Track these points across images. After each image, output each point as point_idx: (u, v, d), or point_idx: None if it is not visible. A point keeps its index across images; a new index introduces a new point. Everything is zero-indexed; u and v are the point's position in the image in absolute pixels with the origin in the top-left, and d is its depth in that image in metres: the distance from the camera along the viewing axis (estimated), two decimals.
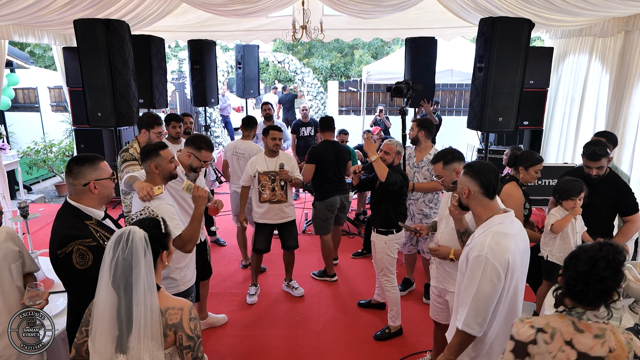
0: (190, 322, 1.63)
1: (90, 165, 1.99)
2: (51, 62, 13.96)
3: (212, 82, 6.88)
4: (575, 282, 1.47)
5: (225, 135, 12.02)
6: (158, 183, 2.55)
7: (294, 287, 4.34)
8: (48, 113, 9.87)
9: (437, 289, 2.84)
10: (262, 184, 3.99)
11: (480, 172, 2.00)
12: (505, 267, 1.87)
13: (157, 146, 2.58)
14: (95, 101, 4.05)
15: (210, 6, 5.32)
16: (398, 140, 3.59)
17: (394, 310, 3.63)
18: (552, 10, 4.55)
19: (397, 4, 5.18)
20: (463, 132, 7.87)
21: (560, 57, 6.06)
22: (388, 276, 3.60)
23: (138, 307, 1.53)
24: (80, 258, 1.87)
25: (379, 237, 3.55)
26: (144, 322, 1.53)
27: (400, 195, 3.49)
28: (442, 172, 2.74)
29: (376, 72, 8.94)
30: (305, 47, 18.26)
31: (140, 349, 1.52)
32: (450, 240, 2.64)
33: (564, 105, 5.98)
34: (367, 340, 3.62)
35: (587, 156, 3.13)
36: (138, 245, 1.55)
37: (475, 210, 2.04)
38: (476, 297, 1.89)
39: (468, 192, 2.02)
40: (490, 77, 3.75)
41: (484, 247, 1.88)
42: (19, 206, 3.53)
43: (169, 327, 1.59)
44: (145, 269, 1.55)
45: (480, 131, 4.30)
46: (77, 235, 1.89)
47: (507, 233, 1.93)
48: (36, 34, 5.54)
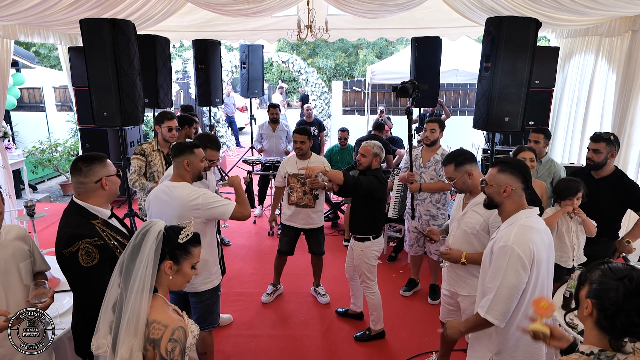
0: (169, 342, 1.52)
1: (99, 162, 2.02)
2: (56, 61, 14.02)
3: (216, 81, 6.88)
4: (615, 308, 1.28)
5: (230, 134, 12.04)
6: (187, 180, 2.63)
7: (320, 294, 4.25)
8: (53, 112, 9.91)
9: (448, 291, 2.80)
10: (290, 186, 3.95)
11: (520, 167, 2.04)
12: (530, 258, 1.91)
13: (192, 144, 2.67)
14: (101, 101, 4.05)
15: (215, 6, 5.32)
16: (377, 142, 3.40)
17: (375, 315, 3.58)
18: (559, 9, 4.52)
19: (402, 4, 5.16)
20: (468, 132, 7.85)
21: (566, 57, 6.02)
22: (367, 283, 3.50)
23: (129, 297, 1.53)
24: (86, 256, 1.87)
25: (356, 243, 3.46)
26: (130, 314, 1.52)
27: (377, 200, 3.36)
28: (454, 174, 2.65)
29: (380, 71, 8.91)
30: (310, 46, 18.26)
31: (123, 340, 1.51)
32: (462, 243, 2.60)
33: (570, 105, 5.94)
34: (372, 340, 3.61)
35: (592, 138, 3.23)
36: (150, 235, 1.57)
37: (509, 207, 2.05)
38: (501, 287, 1.92)
39: (510, 190, 2.02)
40: (496, 76, 3.73)
41: (510, 237, 1.93)
42: (26, 205, 3.55)
43: (149, 341, 1.53)
44: (146, 261, 1.54)
45: (486, 131, 4.29)
46: (83, 235, 1.89)
47: (533, 227, 1.97)
48: (42, 33, 5.55)
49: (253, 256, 5.23)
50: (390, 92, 7.83)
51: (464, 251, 2.55)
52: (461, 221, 2.61)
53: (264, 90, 8.35)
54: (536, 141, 3.75)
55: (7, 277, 1.94)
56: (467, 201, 2.66)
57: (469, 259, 2.52)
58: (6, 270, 1.93)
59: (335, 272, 4.68)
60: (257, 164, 6.32)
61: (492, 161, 3.78)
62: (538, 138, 3.75)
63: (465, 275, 2.64)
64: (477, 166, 2.67)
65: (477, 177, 2.60)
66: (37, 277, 2.12)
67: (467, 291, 2.64)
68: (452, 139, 8.56)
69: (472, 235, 2.55)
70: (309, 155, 3.97)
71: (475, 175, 2.61)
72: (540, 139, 3.74)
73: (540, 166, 3.81)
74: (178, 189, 2.57)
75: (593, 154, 3.21)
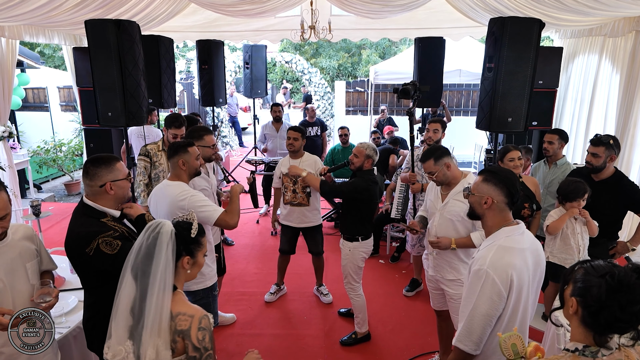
0: (199, 332, 1.55)
1: (106, 167, 2.01)
2: (61, 62, 14.08)
3: (220, 82, 6.90)
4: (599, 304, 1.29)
5: (233, 134, 12.06)
6: (184, 179, 2.69)
7: (322, 293, 4.27)
8: (58, 112, 9.96)
9: (433, 278, 2.90)
10: (284, 186, 4.00)
11: (507, 179, 1.85)
12: (507, 285, 1.72)
13: (186, 143, 2.71)
14: (106, 101, 4.07)
15: (219, 6, 5.34)
16: (371, 144, 3.40)
17: (360, 317, 3.58)
18: (563, 10, 4.51)
19: (405, 4, 5.17)
20: (471, 133, 7.83)
21: (569, 57, 6.01)
22: (352, 284, 3.50)
23: (151, 298, 1.53)
24: (109, 245, 1.90)
25: (345, 243, 3.47)
26: (154, 315, 1.52)
27: (364, 202, 3.37)
28: (435, 168, 2.73)
29: (384, 72, 8.91)
30: (313, 47, 18.26)
31: (147, 342, 1.52)
32: (446, 230, 2.73)
33: (574, 105, 5.93)
34: (375, 340, 3.62)
35: (592, 142, 3.21)
36: (163, 236, 1.57)
37: (490, 221, 1.87)
38: (472, 314, 1.75)
39: (491, 202, 1.84)
40: (499, 77, 3.72)
41: (486, 261, 1.74)
42: (31, 204, 3.58)
43: (177, 333, 1.55)
44: (165, 262, 1.56)
45: (489, 131, 4.28)
46: (97, 231, 1.92)
47: (514, 247, 1.76)
48: (47, 34, 5.59)
49: (256, 256, 5.25)
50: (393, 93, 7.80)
51: (452, 237, 2.69)
52: (443, 211, 2.74)
53: (267, 91, 8.37)
54: (550, 142, 3.72)
55: (14, 276, 1.95)
56: (446, 192, 2.78)
57: (459, 244, 2.68)
58: (13, 270, 1.94)
59: (338, 272, 4.67)
60: (260, 164, 6.33)
61: (494, 162, 3.78)
62: (552, 139, 3.71)
63: (452, 260, 2.76)
64: (452, 158, 2.81)
65: (454, 168, 2.76)
66: (44, 276, 2.14)
67: (453, 275, 2.77)
68: (455, 140, 8.55)
69: (456, 222, 2.69)
70: (301, 154, 4.03)
71: (453, 167, 2.75)
72: (554, 140, 3.70)
73: (555, 168, 3.78)
74: (171, 187, 2.66)
75: (592, 158, 3.19)
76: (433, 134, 3.96)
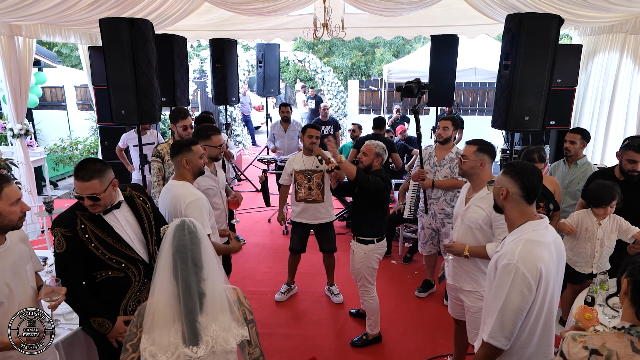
0: (245, 298, 1.75)
1: (90, 179, 2.06)
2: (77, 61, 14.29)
3: (233, 80, 6.90)
4: None
5: (246, 133, 12.10)
6: (188, 179, 2.66)
7: (333, 293, 4.22)
8: (74, 111, 10.11)
9: (453, 286, 2.80)
10: (298, 182, 3.95)
11: (523, 173, 1.87)
12: (537, 278, 1.75)
13: (189, 142, 2.68)
14: (119, 99, 4.09)
15: (232, 5, 5.34)
16: (380, 143, 3.35)
17: (372, 319, 3.51)
18: (582, 6, 4.40)
19: (419, 1, 5.10)
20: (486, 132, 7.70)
21: (589, 55, 5.86)
22: (366, 286, 3.43)
23: (207, 281, 1.59)
24: (57, 243, 2.11)
25: (358, 246, 3.37)
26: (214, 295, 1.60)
27: (382, 202, 3.30)
28: (471, 155, 2.64)
29: (397, 70, 8.82)
30: (326, 45, 18.20)
31: (213, 324, 1.58)
32: (465, 237, 2.61)
33: (593, 104, 5.78)
34: (386, 342, 3.57)
35: (634, 149, 3.03)
36: (199, 227, 1.65)
37: (510, 214, 1.91)
38: (503, 309, 1.77)
39: (506, 193, 1.89)
40: (516, 75, 3.64)
41: (515, 255, 1.76)
42: (44, 201, 3.61)
43: (234, 304, 1.69)
44: (209, 246, 1.65)
45: (505, 130, 4.20)
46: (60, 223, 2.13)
47: (541, 241, 1.79)
48: (63, 33, 5.66)
49: (267, 255, 5.24)
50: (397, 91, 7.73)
51: (467, 245, 2.57)
52: (464, 216, 2.63)
53: (280, 90, 8.36)
54: (572, 141, 3.63)
55: (19, 278, 1.94)
56: (470, 196, 2.67)
57: (472, 252, 2.55)
58: (17, 272, 1.94)
59: (349, 272, 4.65)
60: (272, 163, 6.32)
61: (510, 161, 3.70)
62: (574, 138, 3.62)
63: (469, 269, 2.64)
64: (491, 164, 2.70)
65: (486, 170, 2.64)
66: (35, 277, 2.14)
67: (471, 286, 2.65)
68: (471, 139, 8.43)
69: (475, 230, 2.57)
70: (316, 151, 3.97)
71: (485, 168, 2.64)
72: (576, 140, 3.61)
73: (576, 168, 3.69)
74: (176, 187, 2.63)
75: (633, 165, 3.04)
76: (443, 131, 3.91)
